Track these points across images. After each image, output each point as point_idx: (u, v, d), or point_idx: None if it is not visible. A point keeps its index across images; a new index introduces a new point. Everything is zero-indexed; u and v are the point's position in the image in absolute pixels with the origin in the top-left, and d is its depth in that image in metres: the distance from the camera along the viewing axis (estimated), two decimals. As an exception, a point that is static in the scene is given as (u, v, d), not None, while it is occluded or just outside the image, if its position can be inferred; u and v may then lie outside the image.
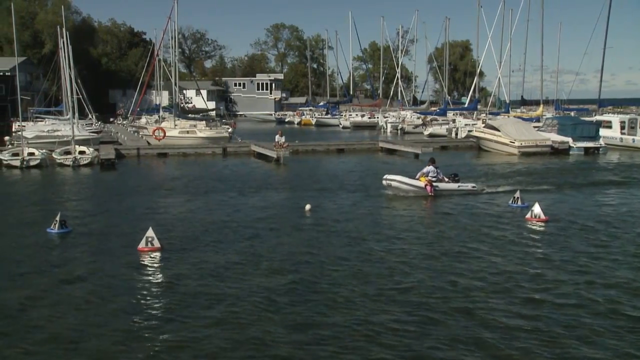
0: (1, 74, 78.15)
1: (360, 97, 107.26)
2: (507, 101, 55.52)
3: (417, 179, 19.69)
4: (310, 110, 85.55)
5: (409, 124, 59.05)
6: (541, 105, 50.88)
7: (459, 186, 20.26)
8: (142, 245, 12.51)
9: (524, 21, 52.28)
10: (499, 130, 36.28)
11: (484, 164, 30.69)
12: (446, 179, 20.23)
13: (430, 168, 19.98)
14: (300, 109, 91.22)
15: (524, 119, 41.75)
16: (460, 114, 57.64)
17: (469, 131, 43.94)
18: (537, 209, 16.14)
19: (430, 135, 49.79)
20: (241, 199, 19.45)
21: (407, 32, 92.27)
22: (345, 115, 75.52)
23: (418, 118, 61.15)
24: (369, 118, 72.56)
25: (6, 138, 34.87)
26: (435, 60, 72.16)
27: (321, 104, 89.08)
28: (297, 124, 79.73)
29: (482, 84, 68.47)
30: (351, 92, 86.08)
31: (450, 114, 59.51)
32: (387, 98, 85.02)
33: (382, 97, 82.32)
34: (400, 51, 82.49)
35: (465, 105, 61.73)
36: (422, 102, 77.59)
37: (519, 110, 56.49)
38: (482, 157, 34.65)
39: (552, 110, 54.16)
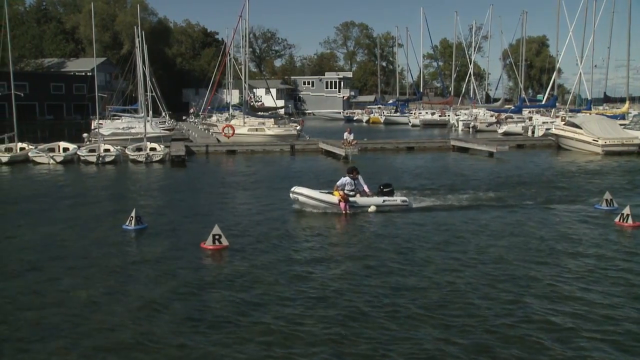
0: (83, 74, 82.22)
1: (430, 95, 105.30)
2: (589, 98, 52.48)
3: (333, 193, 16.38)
4: (379, 108, 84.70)
5: (482, 122, 57.25)
6: (627, 102, 47.68)
7: (384, 201, 16.59)
8: (208, 242, 12.25)
9: (608, 13, 49.01)
10: (580, 128, 34.25)
11: (564, 163, 28.98)
12: (369, 192, 16.76)
13: (346, 180, 16.46)
14: (368, 107, 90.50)
15: (608, 117, 39.17)
16: (537, 112, 55.22)
17: (547, 129, 41.94)
18: (627, 212, 14.80)
19: (505, 134, 48.01)
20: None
21: (480, 28, 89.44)
22: (415, 113, 74.21)
23: (492, 116, 59.17)
24: (440, 116, 70.97)
25: (84, 135, 36.17)
26: (510, 56, 69.40)
27: (390, 101, 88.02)
28: (366, 122, 79.10)
29: (558, 80, 65.09)
30: (421, 90, 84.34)
31: (525, 112, 57.17)
32: (458, 96, 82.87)
33: (453, 94, 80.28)
34: (473, 47, 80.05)
35: (543, 103, 59.09)
36: (496, 100, 74.85)
37: (601, 107, 53.34)
38: (562, 156, 32.77)
39: (638, 107, 50.79)
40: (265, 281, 10.20)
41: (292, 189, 16.45)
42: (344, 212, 15.85)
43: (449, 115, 68.05)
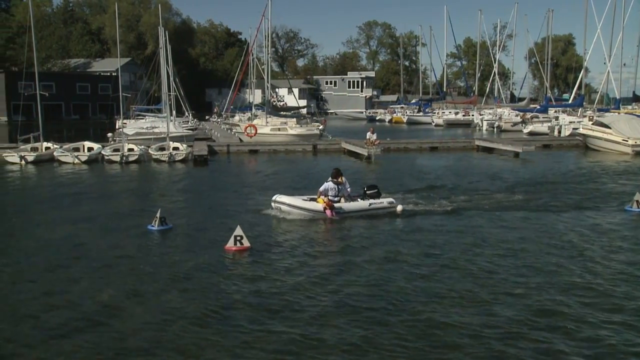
0: (108, 74, 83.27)
1: (453, 95, 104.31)
2: (617, 97, 51.35)
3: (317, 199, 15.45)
4: (402, 107, 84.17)
5: (506, 121, 56.47)
6: (658, 101, 46.56)
7: (370, 204, 15.74)
8: (230, 244, 12.11)
9: (638, 9, 47.94)
10: (609, 128, 33.50)
11: (593, 164, 28.33)
12: (352, 196, 16.01)
13: (329, 185, 15.51)
14: (391, 106, 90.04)
15: (637, 116, 38.24)
16: (564, 111, 54.25)
17: (575, 129, 41.13)
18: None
19: (531, 133, 47.27)
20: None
21: (505, 27, 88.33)
22: (438, 113, 73.54)
23: (517, 115, 58.28)
24: (463, 116, 70.20)
25: (109, 134, 36.49)
26: (535, 55, 68.32)
27: (413, 101, 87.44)
28: (388, 121, 78.64)
29: (585, 79, 63.79)
30: (444, 89, 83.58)
31: (551, 111, 56.21)
32: (482, 95, 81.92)
33: (477, 94, 79.37)
34: (497, 46, 79.02)
35: (569, 102, 58.04)
36: (521, 99, 73.83)
37: (630, 106, 52.18)
38: (590, 156, 32.08)
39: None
40: (286, 285, 10.01)
41: (274, 197, 15.47)
42: (331, 217, 14.92)
43: (472, 115, 67.32)
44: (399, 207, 16.17)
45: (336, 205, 15.21)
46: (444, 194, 19.30)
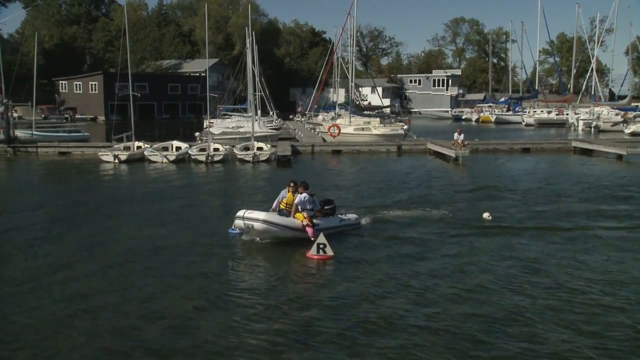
0: (197, 74, 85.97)
1: (545, 93, 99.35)
2: None
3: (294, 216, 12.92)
4: (490, 106, 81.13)
5: (605, 121, 52.88)
6: None
7: (341, 221, 13.75)
8: (312, 252, 11.65)
9: None
10: None
11: None
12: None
13: (304, 197, 12.89)
14: (478, 105, 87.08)
15: None
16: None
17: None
18: None
19: (633, 134, 44.05)
20: (416, 203, 17.99)
21: (603, 21, 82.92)
22: (529, 112, 70.22)
23: (617, 114, 54.44)
24: (557, 115, 66.56)
25: (197, 134, 37.32)
26: (638, 49, 63.51)
27: (502, 99, 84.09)
28: (475, 121, 76.11)
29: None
30: (536, 87, 79.63)
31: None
32: (577, 93, 77.37)
33: (572, 92, 75.01)
34: (595, 41, 74.24)
35: (678, 100, 53.53)
36: (621, 97, 69.00)
37: None
38: None
39: None
40: (369, 299, 9.40)
41: (239, 213, 12.67)
42: (311, 238, 12.24)
43: (567, 114, 63.64)
44: (485, 214, 15.23)
45: (314, 220, 12.87)
46: (539, 199, 18.00)
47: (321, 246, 11.54)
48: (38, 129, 38.29)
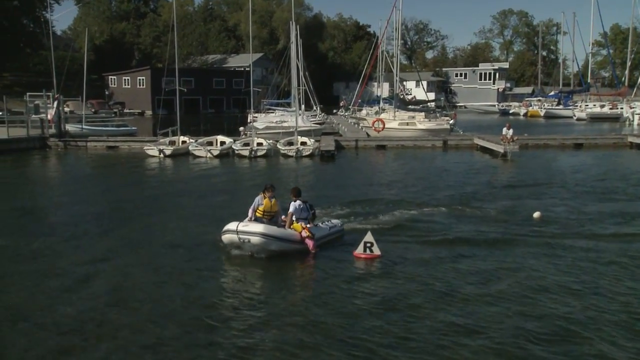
0: (242, 69, 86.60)
1: (597, 86, 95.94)
2: None
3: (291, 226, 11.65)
4: (539, 100, 78.80)
5: (663, 115, 50.55)
6: None
7: (330, 228, 12.48)
8: (359, 250, 11.32)
9: None
10: None
11: None
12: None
13: (299, 204, 11.78)
14: (527, 99, 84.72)
15: None
16: None
17: None
18: None
19: (694, 129, 41.81)
20: (463, 200, 17.45)
21: (663, 10, 79.28)
22: (580, 106, 67.83)
23: (675, 108, 52.00)
24: (610, 109, 64.04)
25: (241, 128, 37.45)
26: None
27: (551, 93, 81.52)
28: (523, 115, 74.17)
29: None
30: (588, 80, 76.87)
31: None
32: (632, 86, 74.30)
33: (626, 85, 72.08)
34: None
35: None
36: (679, 90, 65.94)
37: None
38: None
39: None
40: (414, 303, 9.03)
41: (230, 226, 11.20)
42: (312, 251, 11.37)
43: (621, 108, 61.22)
44: (536, 214, 14.61)
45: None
46: (594, 198, 17.21)
47: (368, 244, 11.19)
48: (88, 123, 39.18)
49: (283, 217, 11.93)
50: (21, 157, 29.61)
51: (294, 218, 11.59)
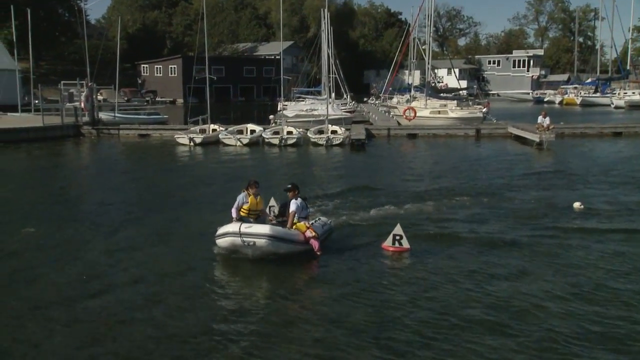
0: (272, 57, 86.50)
1: (637, 73, 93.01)
2: None
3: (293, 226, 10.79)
4: (575, 88, 76.75)
5: None
6: None
7: (322, 227, 11.40)
8: (387, 243, 11.06)
9: None
10: None
11: None
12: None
13: (300, 202, 10.92)
14: (562, 87, 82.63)
15: None
16: None
17: None
18: None
19: None
20: (498, 190, 16.98)
21: None
22: (619, 94, 65.85)
23: None
24: (651, 96, 62.05)
25: (271, 117, 37.35)
26: None
27: (588, 81, 79.31)
28: (558, 103, 72.33)
29: None
30: (627, 67, 74.51)
31: None
32: (674, 73, 71.90)
33: (668, 72, 69.74)
34: (697, 16, 68.44)
35: None
36: None
37: None
38: None
39: None
40: (443, 299, 8.78)
41: (235, 229, 10.16)
42: (318, 253, 10.62)
43: (662, 96, 59.24)
44: (576, 204, 14.21)
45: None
46: (635, 189, 16.56)
47: (397, 237, 10.92)
48: (120, 111, 39.61)
49: (270, 216, 11.31)
50: (56, 145, 30.07)
51: (296, 217, 10.76)
